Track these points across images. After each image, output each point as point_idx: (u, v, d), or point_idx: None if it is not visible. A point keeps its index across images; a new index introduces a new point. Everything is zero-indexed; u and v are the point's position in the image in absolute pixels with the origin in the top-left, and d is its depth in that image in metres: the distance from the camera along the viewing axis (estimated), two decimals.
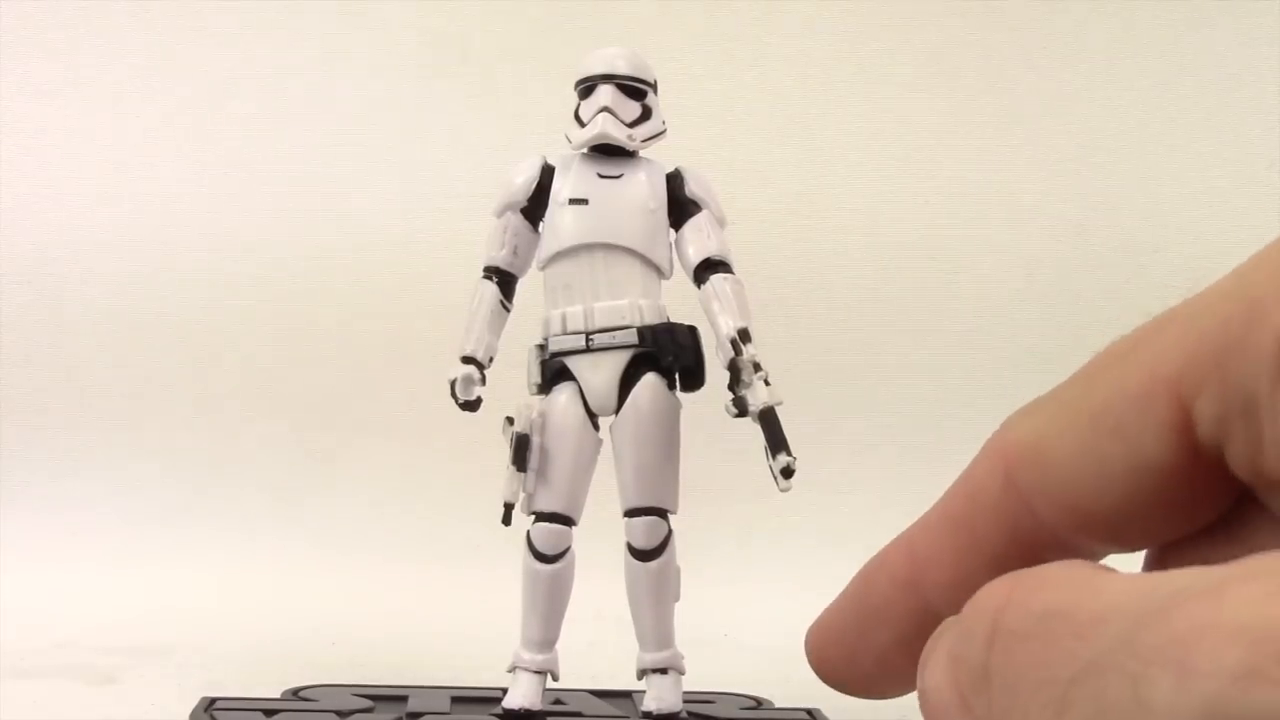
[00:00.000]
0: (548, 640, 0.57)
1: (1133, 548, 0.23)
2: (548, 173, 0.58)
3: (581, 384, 0.57)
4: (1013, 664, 0.19)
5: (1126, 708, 0.17)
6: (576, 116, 0.58)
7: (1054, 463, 0.23)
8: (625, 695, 0.61)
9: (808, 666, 0.27)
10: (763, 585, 0.86)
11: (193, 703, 0.57)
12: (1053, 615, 0.19)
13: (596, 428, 0.57)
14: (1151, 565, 0.23)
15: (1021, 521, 0.23)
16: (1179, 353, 0.21)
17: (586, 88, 0.58)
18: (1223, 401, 0.20)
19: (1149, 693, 0.17)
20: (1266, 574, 0.17)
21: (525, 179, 0.58)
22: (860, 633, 0.26)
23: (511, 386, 0.58)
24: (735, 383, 0.54)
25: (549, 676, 0.57)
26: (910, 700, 0.23)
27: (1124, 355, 0.22)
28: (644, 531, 0.57)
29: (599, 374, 0.57)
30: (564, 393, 0.57)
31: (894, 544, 0.26)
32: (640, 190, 0.58)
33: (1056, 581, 0.20)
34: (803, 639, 0.28)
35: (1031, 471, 0.23)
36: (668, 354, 0.57)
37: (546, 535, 0.56)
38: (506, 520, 0.56)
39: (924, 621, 0.24)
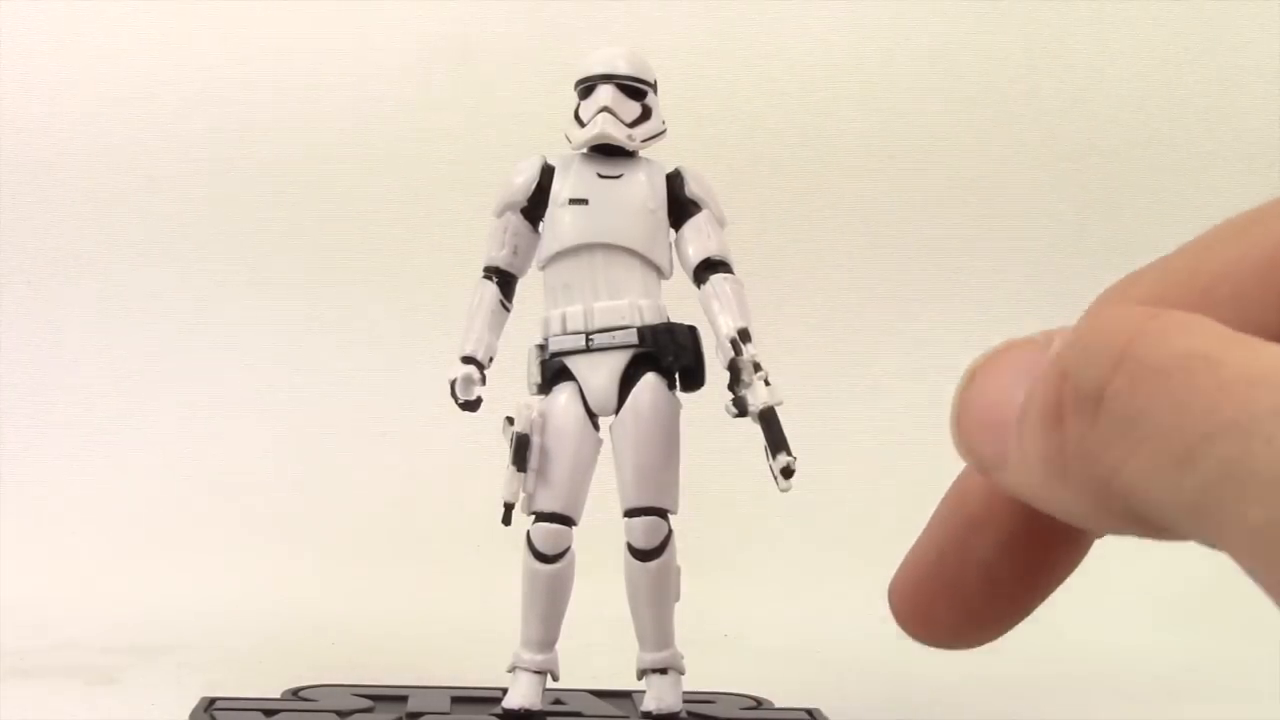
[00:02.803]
0: (548, 640, 0.57)
1: None
2: (547, 173, 0.58)
3: (581, 384, 0.57)
4: (1138, 397, 0.18)
5: (1267, 481, 0.16)
6: (576, 116, 0.58)
7: None
8: (625, 695, 0.61)
9: (808, 666, 0.27)
10: (763, 585, 0.86)
11: (193, 703, 0.57)
12: (1198, 357, 0.18)
13: (596, 428, 0.57)
14: None
15: None
16: None
17: (586, 88, 0.58)
18: None
19: None
20: None
21: (525, 179, 0.58)
22: (961, 553, 0.24)
23: (511, 386, 0.58)
24: (735, 383, 0.54)
25: (549, 676, 0.57)
26: (912, 700, 0.23)
27: (1242, 230, 0.21)
28: (644, 531, 0.57)
29: (599, 374, 0.57)
30: (564, 393, 0.57)
31: None
32: (640, 190, 0.57)
33: (1200, 327, 0.18)
34: (803, 639, 0.27)
35: None
36: (668, 354, 0.57)
37: (546, 535, 0.56)
38: (506, 520, 0.56)
39: (1030, 516, 0.22)
